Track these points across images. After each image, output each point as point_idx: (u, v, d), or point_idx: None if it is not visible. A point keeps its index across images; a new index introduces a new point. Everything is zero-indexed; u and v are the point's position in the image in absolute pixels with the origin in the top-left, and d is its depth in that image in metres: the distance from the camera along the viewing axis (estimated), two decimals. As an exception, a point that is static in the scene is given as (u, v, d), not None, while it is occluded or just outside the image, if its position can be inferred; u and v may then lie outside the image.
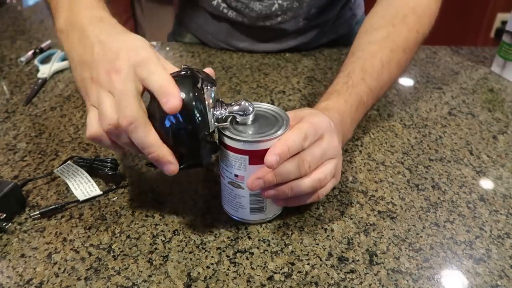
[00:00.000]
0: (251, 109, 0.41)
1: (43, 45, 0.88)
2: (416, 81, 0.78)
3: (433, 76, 0.79)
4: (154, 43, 0.90)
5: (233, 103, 0.41)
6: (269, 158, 0.39)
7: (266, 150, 0.40)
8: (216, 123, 0.40)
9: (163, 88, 0.37)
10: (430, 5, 0.61)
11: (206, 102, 0.38)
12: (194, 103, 0.37)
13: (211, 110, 0.39)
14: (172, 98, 0.36)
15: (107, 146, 0.42)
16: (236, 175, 0.42)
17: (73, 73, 0.44)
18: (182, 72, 0.40)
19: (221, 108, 0.41)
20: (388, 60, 0.57)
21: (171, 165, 0.39)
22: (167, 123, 0.38)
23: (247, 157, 0.41)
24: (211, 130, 0.39)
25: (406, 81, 0.78)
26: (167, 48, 0.90)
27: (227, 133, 0.40)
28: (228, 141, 0.41)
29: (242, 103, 0.41)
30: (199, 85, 0.38)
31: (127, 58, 0.39)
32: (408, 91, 0.74)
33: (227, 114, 0.41)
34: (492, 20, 2.14)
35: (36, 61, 0.81)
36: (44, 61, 0.82)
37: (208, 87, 0.39)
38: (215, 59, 0.84)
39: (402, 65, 0.60)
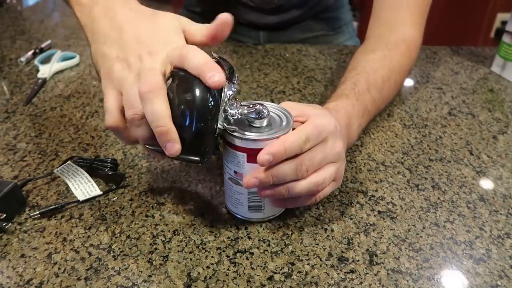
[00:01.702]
0: (265, 112, 0.41)
1: (43, 45, 0.88)
2: (416, 81, 0.78)
3: (433, 76, 0.79)
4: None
5: (247, 105, 0.41)
6: (262, 156, 0.38)
7: (260, 150, 0.39)
8: (225, 124, 0.40)
9: (207, 65, 0.37)
10: (414, 37, 0.67)
11: (221, 101, 0.38)
12: (208, 101, 0.37)
13: (223, 110, 0.39)
14: (218, 73, 0.36)
15: (121, 138, 0.42)
16: (235, 172, 0.42)
17: (91, 45, 0.44)
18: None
19: (235, 108, 0.40)
20: (388, 77, 0.60)
21: (175, 143, 0.38)
22: (179, 114, 0.37)
23: (245, 154, 0.41)
24: (217, 131, 0.39)
25: (406, 81, 0.78)
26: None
27: (230, 130, 0.40)
28: (227, 137, 0.41)
29: (257, 107, 0.40)
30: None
31: (163, 43, 0.40)
32: (408, 91, 0.74)
33: (239, 116, 0.40)
34: (492, 20, 2.14)
35: (36, 61, 0.81)
36: (44, 61, 0.82)
37: (231, 84, 0.39)
38: (215, 59, 0.84)
39: (398, 85, 0.65)
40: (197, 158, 0.39)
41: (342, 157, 0.45)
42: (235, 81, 0.40)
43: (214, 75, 0.36)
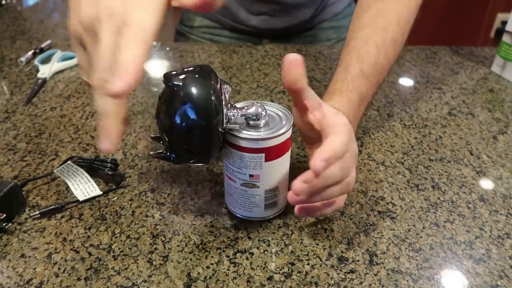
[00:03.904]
0: (263, 113, 0.41)
1: (43, 45, 0.88)
2: (416, 81, 0.78)
3: (433, 76, 0.79)
4: (154, 43, 0.90)
5: (245, 106, 0.42)
6: (317, 164, 0.36)
7: (279, 145, 0.41)
8: (228, 124, 0.40)
9: (121, 65, 0.32)
10: None
11: (223, 101, 0.39)
12: (213, 99, 0.37)
13: (225, 109, 0.39)
14: (119, 81, 0.31)
15: None
16: (251, 175, 0.42)
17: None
18: (204, 67, 0.40)
19: (234, 109, 0.41)
20: (382, 41, 0.55)
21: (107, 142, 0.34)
22: (183, 116, 0.37)
23: (263, 155, 0.41)
24: (222, 129, 0.39)
25: (406, 81, 0.78)
26: (167, 48, 0.90)
27: (240, 134, 0.40)
28: (242, 142, 0.41)
29: (254, 107, 0.41)
30: (218, 82, 0.39)
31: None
32: (408, 91, 0.74)
33: (239, 116, 0.41)
34: (492, 20, 2.14)
35: (36, 61, 0.81)
36: (44, 61, 0.82)
37: (226, 85, 0.40)
38: (215, 59, 0.84)
39: (398, 40, 0.58)
40: (203, 161, 0.41)
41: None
42: (227, 86, 0.41)
43: (114, 82, 0.31)
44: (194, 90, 0.37)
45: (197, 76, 0.38)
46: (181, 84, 0.37)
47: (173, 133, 0.38)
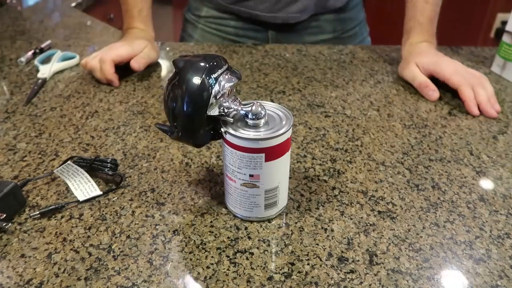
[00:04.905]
0: (263, 113, 0.42)
1: (43, 45, 0.88)
2: (416, 81, 0.78)
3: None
4: (155, 43, 0.90)
5: (246, 104, 0.42)
6: (475, 111, 0.67)
7: (279, 145, 0.41)
8: (220, 111, 0.41)
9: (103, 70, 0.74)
10: None
11: (216, 89, 0.40)
12: (199, 83, 0.39)
13: (218, 97, 0.40)
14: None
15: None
16: (251, 175, 0.42)
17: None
18: (210, 55, 0.42)
19: (233, 103, 0.42)
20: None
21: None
22: (171, 95, 0.40)
23: (263, 154, 0.41)
24: (207, 114, 0.40)
25: (406, 81, 0.78)
26: (167, 48, 0.90)
27: (240, 134, 0.40)
28: (242, 142, 0.41)
29: (254, 107, 0.41)
30: (219, 71, 0.40)
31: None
32: (408, 91, 0.74)
33: (235, 111, 0.42)
34: (492, 20, 2.14)
35: (36, 61, 0.81)
36: (44, 61, 0.82)
37: (231, 76, 0.41)
38: (215, 59, 0.83)
39: None
40: (189, 142, 0.43)
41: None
42: (231, 75, 0.42)
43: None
44: (185, 74, 0.40)
45: (196, 62, 0.40)
46: (180, 66, 0.40)
47: (164, 108, 0.42)
